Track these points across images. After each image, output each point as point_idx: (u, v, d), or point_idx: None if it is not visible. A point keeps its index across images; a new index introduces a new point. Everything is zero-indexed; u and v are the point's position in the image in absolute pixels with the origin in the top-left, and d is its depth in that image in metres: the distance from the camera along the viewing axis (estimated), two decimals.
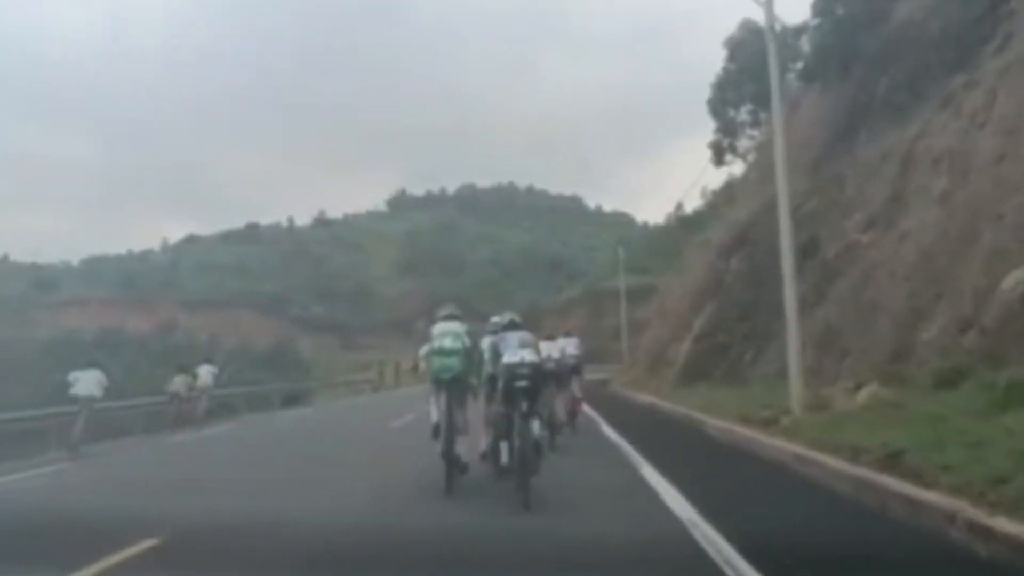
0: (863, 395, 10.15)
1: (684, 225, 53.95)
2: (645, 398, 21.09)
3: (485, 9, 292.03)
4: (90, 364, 15.66)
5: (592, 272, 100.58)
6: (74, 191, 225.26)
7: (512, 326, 7.74)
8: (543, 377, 7.74)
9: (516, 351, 7.18)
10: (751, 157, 29.34)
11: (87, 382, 14.87)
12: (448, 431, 7.32)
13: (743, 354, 16.05)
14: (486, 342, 8.03)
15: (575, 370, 12.80)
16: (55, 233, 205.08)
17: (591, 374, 32.89)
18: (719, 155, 29.31)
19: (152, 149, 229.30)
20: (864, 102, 16.63)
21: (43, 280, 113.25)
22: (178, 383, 19.17)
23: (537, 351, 7.53)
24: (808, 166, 17.07)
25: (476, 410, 8.12)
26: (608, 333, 75.74)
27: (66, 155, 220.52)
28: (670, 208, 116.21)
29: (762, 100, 21.64)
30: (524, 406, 6.89)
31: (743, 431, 10.69)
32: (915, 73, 14.47)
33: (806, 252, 14.47)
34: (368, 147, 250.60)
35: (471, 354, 7.79)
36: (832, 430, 8.23)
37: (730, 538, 4.91)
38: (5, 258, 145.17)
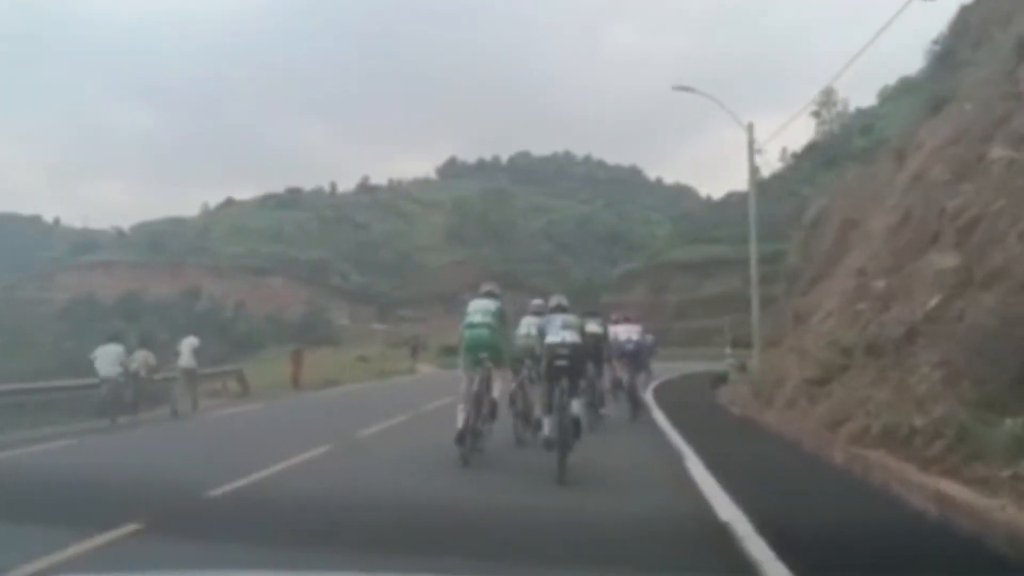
0: None
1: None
2: None
3: None
4: (110, 339, 14.80)
5: (651, 245, 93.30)
6: (128, 159, 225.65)
7: (558, 309, 7.99)
8: (584, 357, 7.92)
9: (559, 331, 7.42)
10: None
11: (106, 359, 13.86)
12: (474, 408, 7.64)
13: None
14: (529, 323, 9.01)
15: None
16: (107, 200, 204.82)
17: (666, 361, 23.13)
18: None
19: (204, 119, 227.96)
20: None
21: (82, 245, 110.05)
22: (139, 360, 14.92)
23: (580, 332, 7.65)
24: None
25: (504, 383, 8.34)
26: (672, 311, 67.73)
27: (122, 125, 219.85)
28: (732, 183, 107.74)
29: None
30: (564, 383, 7.13)
31: None
32: None
33: None
34: (421, 115, 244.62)
35: (499, 330, 8.17)
36: None
37: None
38: (56, 222, 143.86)
